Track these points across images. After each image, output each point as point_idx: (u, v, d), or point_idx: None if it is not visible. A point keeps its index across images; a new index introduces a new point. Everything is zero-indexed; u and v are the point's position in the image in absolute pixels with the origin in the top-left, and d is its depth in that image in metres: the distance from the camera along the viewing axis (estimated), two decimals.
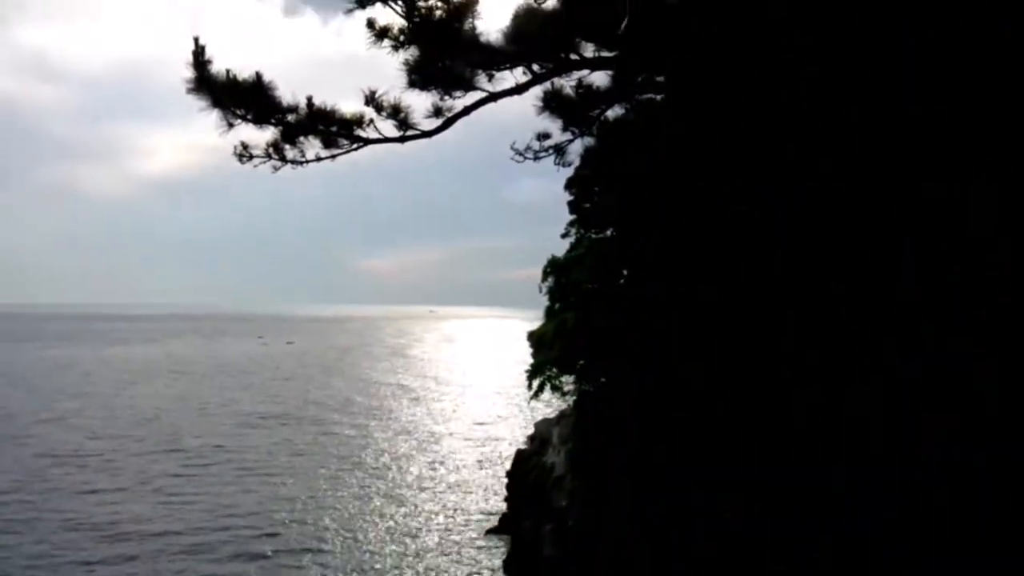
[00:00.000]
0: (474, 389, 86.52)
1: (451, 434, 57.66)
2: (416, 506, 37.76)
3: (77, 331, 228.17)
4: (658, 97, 12.21)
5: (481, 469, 45.95)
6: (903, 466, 13.11)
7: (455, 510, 37.04)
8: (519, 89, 10.86)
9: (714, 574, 20.50)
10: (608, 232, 28.33)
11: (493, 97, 11.02)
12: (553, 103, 11.38)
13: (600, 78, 11.37)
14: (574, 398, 29.79)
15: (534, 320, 32.60)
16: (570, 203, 28.94)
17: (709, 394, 21.83)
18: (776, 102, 10.57)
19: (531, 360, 31.31)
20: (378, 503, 38.25)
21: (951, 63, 9.63)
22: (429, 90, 11.10)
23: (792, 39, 10.00)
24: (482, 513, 36.18)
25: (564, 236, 30.80)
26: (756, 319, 19.40)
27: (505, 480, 35.67)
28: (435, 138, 11.85)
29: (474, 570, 29.11)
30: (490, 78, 10.85)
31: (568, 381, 30.02)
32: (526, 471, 32.74)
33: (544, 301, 31.59)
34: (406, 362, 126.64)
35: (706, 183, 13.24)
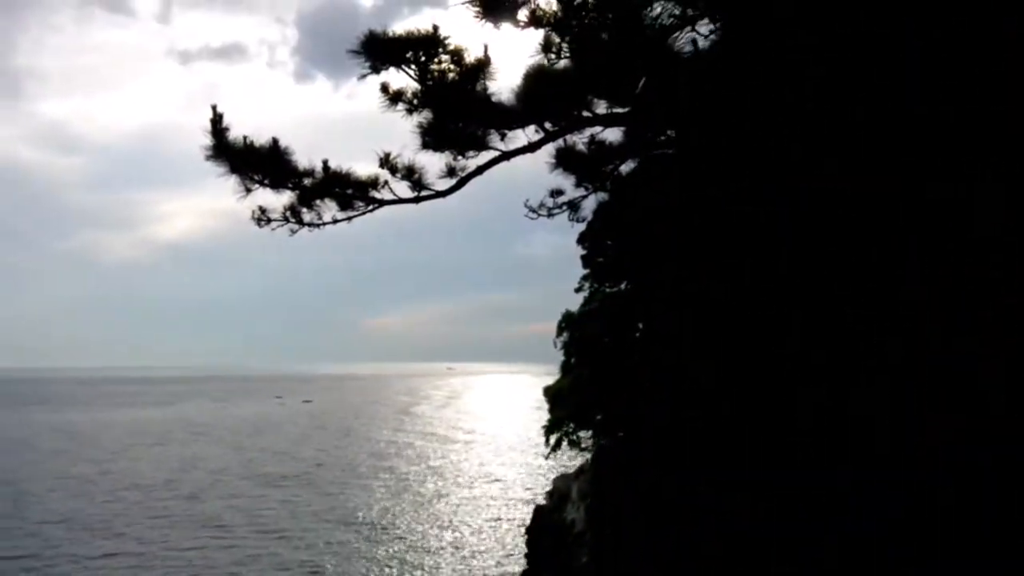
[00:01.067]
0: (491, 445, 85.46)
1: (470, 491, 56.72)
2: (436, 565, 36.90)
3: (94, 395, 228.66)
4: (670, 152, 12.22)
5: (500, 526, 45.00)
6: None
7: (474, 569, 36.14)
8: (532, 147, 10.87)
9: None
10: (622, 286, 28.22)
11: (506, 156, 11.03)
12: (566, 160, 11.39)
13: (613, 134, 11.40)
14: (592, 453, 29.26)
15: (551, 375, 32.27)
16: (583, 257, 28.90)
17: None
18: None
19: (548, 415, 30.92)
20: (393, 568, 37.41)
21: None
22: (443, 151, 11.13)
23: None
24: (501, 572, 35.25)
25: (578, 290, 30.70)
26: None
27: (524, 537, 34.85)
28: (448, 197, 11.86)
29: None
30: (502, 137, 10.88)
31: (586, 436, 29.54)
32: (545, 527, 31.96)
33: (560, 356, 31.35)
34: (421, 420, 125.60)
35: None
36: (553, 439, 30.01)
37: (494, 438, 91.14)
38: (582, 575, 25.53)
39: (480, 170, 11.32)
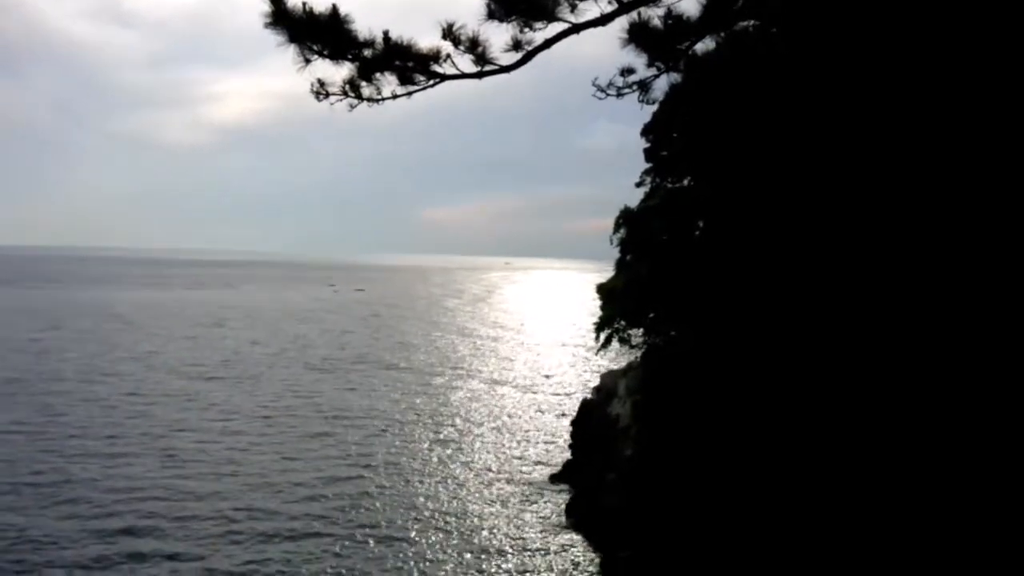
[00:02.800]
0: (541, 340, 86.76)
1: (517, 384, 58.10)
2: (481, 453, 38.28)
3: (152, 276, 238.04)
4: (751, 26, 11.50)
5: (546, 419, 46.21)
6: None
7: (519, 458, 37.40)
8: (603, 20, 10.28)
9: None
10: (685, 182, 27.54)
11: (575, 29, 10.49)
12: (639, 35, 10.75)
13: (690, 7, 10.70)
14: (642, 351, 29.44)
15: (606, 272, 32.14)
16: (646, 150, 28.16)
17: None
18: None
19: (600, 312, 31.03)
20: (443, 450, 38.92)
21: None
22: (509, 21, 10.62)
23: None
24: (546, 461, 36.43)
25: (638, 185, 30.09)
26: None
27: (569, 429, 35.79)
28: (507, 84, 11.48)
29: (537, 514, 29.40)
30: (573, 8, 10.31)
31: (637, 334, 29.65)
32: (591, 421, 32.74)
33: (615, 253, 31.12)
34: (475, 312, 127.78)
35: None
36: (603, 336, 30.20)
37: (545, 334, 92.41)
38: (625, 467, 26.21)
39: (547, 44, 10.81)
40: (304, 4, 11.89)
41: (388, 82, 12.70)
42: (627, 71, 11.61)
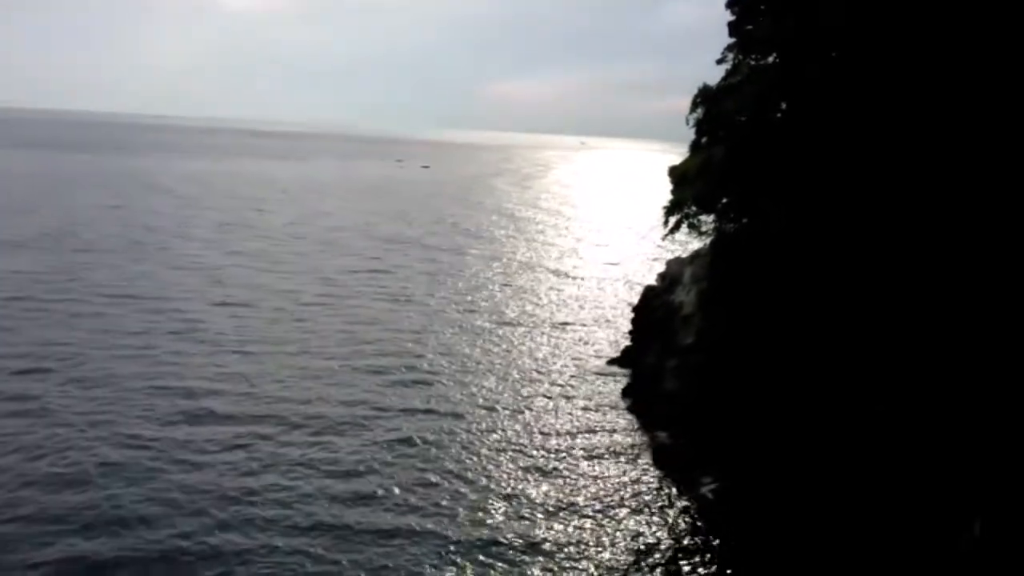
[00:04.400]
0: (607, 223, 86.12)
1: (579, 267, 58.34)
2: (541, 334, 39.02)
3: (220, 145, 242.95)
4: None
5: (606, 304, 46.57)
6: None
7: (579, 340, 38.06)
8: None
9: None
10: (771, 58, 26.18)
11: None
12: None
13: None
14: (711, 238, 28.99)
15: (682, 155, 31.29)
16: (731, 24, 26.68)
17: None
18: None
19: (670, 196, 30.43)
20: (502, 332, 39.79)
21: None
22: None
23: None
24: (604, 346, 37.02)
25: (719, 62, 28.70)
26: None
27: (631, 315, 36.08)
28: None
29: (594, 394, 30.20)
30: None
31: (707, 220, 29.10)
32: (653, 308, 32.89)
33: (691, 134, 30.15)
34: (543, 193, 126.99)
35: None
36: (672, 221, 29.71)
37: (613, 218, 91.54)
38: (685, 354, 26.49)
39: None
40: None
41: None
42: None
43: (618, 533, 20.05)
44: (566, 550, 19.18)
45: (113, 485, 20.83)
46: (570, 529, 20.16)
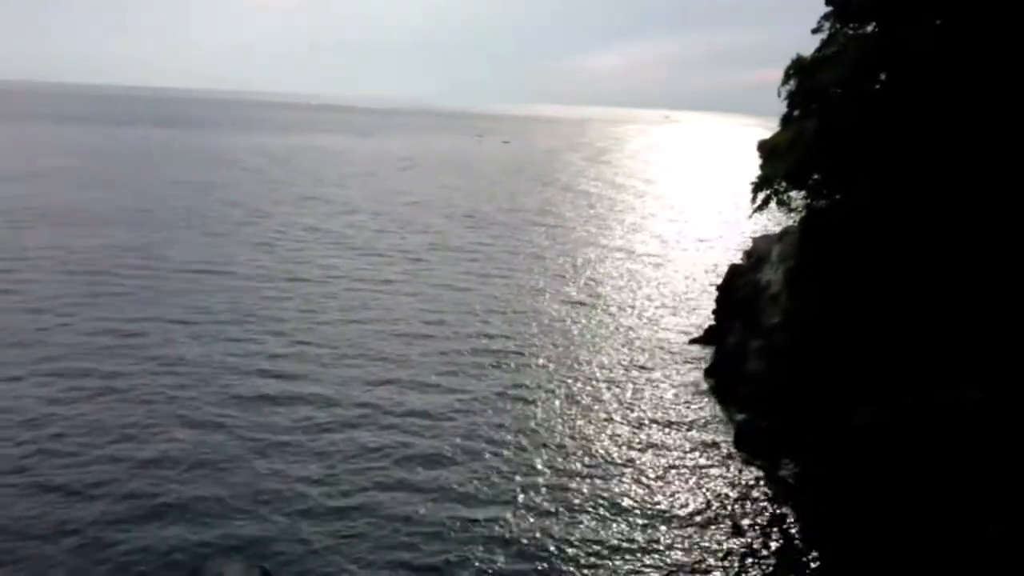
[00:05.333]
0: (689, 199, 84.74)
1: (663, 245, 57.68)
2: (622, 312, 38.95)
3: (300, 121, 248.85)
4: None
5: (693, 280, 46.05)
6: None
7: (660, 319, 37.83)
8: None
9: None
10: (870, 27, 25.24)
11: None
12: None
13: None
14: (801, 215, 28.30)
15: (773, 129, 30.56)
16: None
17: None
18: None
19: (758, 172, 29.80)
20: (584, 309, 39.89)
21: None
22: None
23: None
24: (687, 325, 36.70)
25: (815, 31, 27.84)
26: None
27: (714, 294, 35.63)
28: None
29: (675, 374, 30.08)
30: None
31: (797, 196, 28.41)
32: (738, 287, 32.40)
33: (782, 107, 29.38)
34: (626, 167, 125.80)
35: None
36: (760, 197, 29.10)
37: (698, 193, 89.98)
38: (771, 334, 26.06)
39: None
40: None
41: None
42: None
43: (696, 516, 20.08)
44: (642, 531, 19.33)
45: (191, 466, 21.24)
46: (647, 509, 20.30)
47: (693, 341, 34.03)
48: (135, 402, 25.07)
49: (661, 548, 18.55)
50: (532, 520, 19.44)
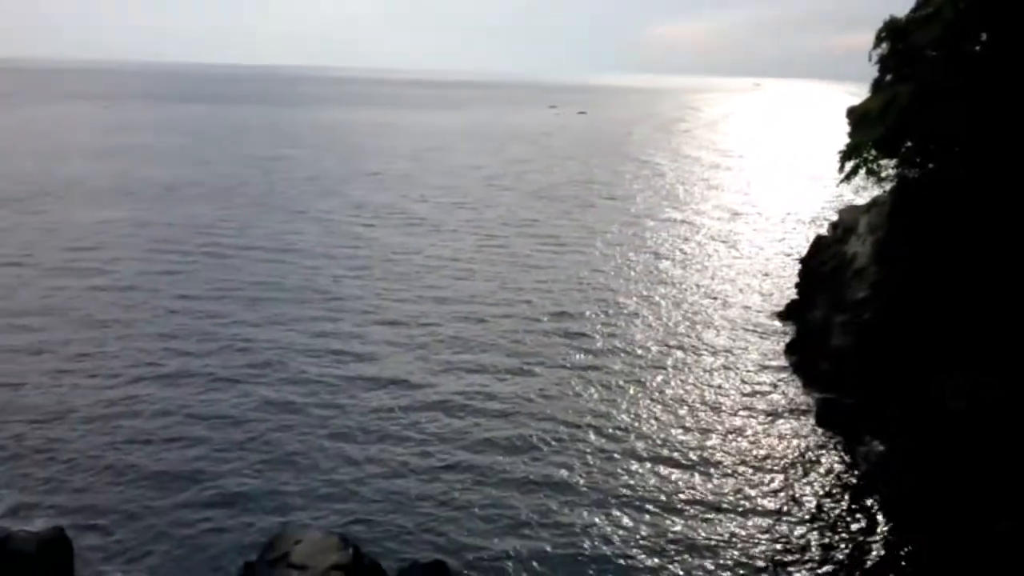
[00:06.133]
0: (778, 169, 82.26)
1: (745, 217, 56.34)
2: (702, 287, 38.37)
3: (383, 96, 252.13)
4: None
5: (773, 253, 44.99)
6: None
7: (740, 293, 37.16)
8: None
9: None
10: None
11: None
12: None
13: None
14: (892, 185, 27.28)
15: (865, 95, 29.40)
16: None
17: None
18: None
19: (847, 139, 28.81)
20: (662, 282, 39.54)
21: None
22: None
23: None
24: (769, 299, 35.96)
25: None
26: None
27: (798, 267, 34.74)
28: None
29: (755, 350, 29.61)
30: None
31: (888, 165, 27.39)
32: (823, 259, 31.51)
33: (874, 72, 28.24)
34: (706, 137, 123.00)
35: None
36: (849, 166, 28.13)
37: (784, 162, 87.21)
38: (857, 309, 25.31)
39: None
40: None
41: None
42: None
43: (777, 495, 19.90)
44: (724, 510, 19.24)
45: (269, 443, 21.99)
46: (727, 489, 20.18)
47: (773, 316, 33.37)
48: (216, 383, 25.72)
49: (739, 534, 18.35)
50: (612, 508, 19.55)
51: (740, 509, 19.20)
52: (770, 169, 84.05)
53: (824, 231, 35.67)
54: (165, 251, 41.99)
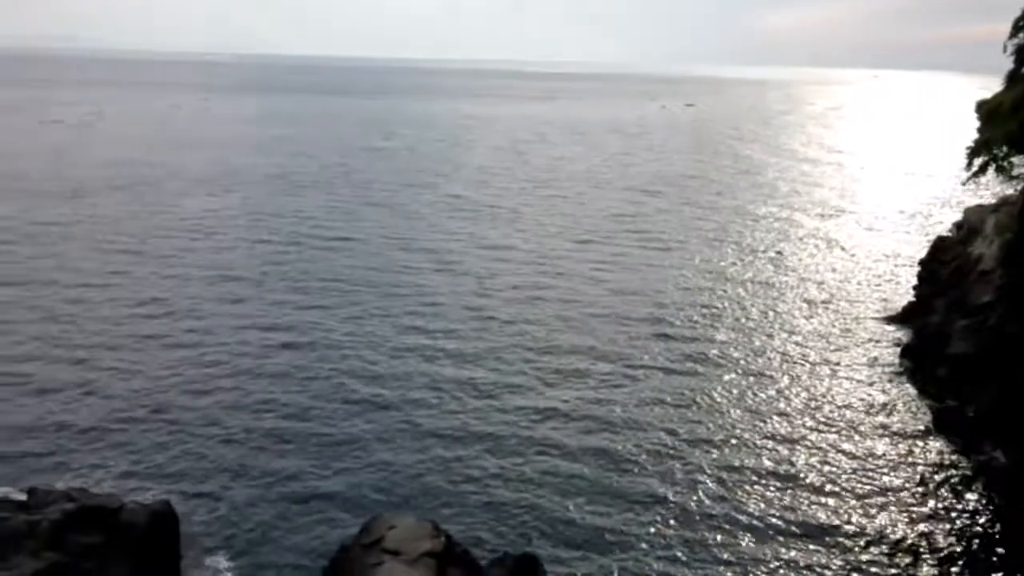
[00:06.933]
0: (897, 167, 78.60)
1: (860, 216, 54.24)
2: (815, 289, 37.19)
3: (483, 87, 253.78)
4: None
5: (883, 255, 43.27)
6: None
7: (854, 295, 35.96)
8: None
9: None
10: None
11: None
12: None
13: None
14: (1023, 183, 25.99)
15: (992, 89, 28.04)
16: None
17: None
18: None
19: (976, 135, 27.58)
20: (772, 283, 38.62)
21: None
22: None
23: None
24: (884, 301, 34.71)
25: None
26: None
27: (916, 269, 33.42)
28: None
29: (870, 354, 28.70)
30: None
31: (1020, 162, 26.10)
32: (944, 261, 30.29)
33: (1008, 63, 26.89)
34: (818, 132, 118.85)
35: None
36: (977, 163, 26.98)
37: (904, 159, 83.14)
38: (980, 313, 24.30)
39: None
40: None
41: None
42: None
43: (894, 504, 19.46)
44: (839, 519, 18.96)
45: (361, 438, 22.73)
46: (843, 495, 19.85)
47: (889, 320, 32.25)
48: (314, 381, 26.49)
49: (856, 538, 18.01)
50: (706, 525, 19.61)
51: (852, 517, 18.81)
52: (895, 166, 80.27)
53: (943, 232, 34.25)
54: (274, 241, 43.86)
